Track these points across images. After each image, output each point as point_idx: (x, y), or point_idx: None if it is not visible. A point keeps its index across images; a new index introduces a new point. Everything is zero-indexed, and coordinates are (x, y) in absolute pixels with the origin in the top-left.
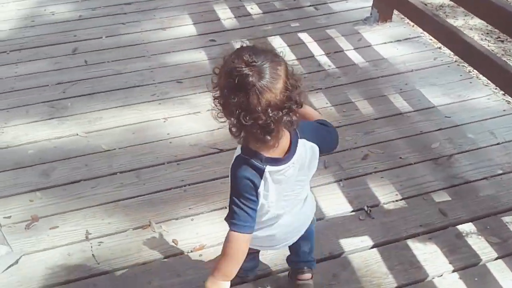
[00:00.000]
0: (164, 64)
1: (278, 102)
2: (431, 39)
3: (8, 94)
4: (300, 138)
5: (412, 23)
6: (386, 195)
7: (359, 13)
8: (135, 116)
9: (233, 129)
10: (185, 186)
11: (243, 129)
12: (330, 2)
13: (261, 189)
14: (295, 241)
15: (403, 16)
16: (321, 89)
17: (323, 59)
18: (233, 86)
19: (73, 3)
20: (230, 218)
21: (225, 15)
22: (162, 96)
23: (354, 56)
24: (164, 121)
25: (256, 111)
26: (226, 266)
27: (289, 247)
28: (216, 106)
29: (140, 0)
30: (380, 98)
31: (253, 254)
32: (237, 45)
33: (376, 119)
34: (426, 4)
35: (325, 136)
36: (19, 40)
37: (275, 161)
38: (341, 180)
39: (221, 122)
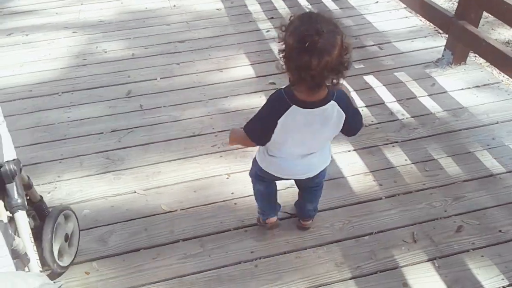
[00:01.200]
0: (223, 110)
1: (332, 65)
2: None
3: (61, 143)
4: (334, 100)
5: (490, 67)
6: (491, 279)
7: (428, 54)
8: (195, 171)
9: (291, 78)
10: (255, 260)
11: (303, 82)
12: (395, 41)
13: (281, 120)
14: (303, 178)
15: (479, 59)
16: (397, 142)
17: (395, 107)
18: (302, 49)
19: (125, 40)
20: (247, 128)
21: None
22: (223, 147)
23: (429, 103)
24: (227, 178)
25: (315, 70)
26: (234, 140)
27: (300, 199)
28: (280, 58)
29: (193, 38)
30: (465, 155)
31: (265, 182)
32: None
33: (465, 181)
34: (508, 43)
35: (352, 115)
36: (71, 80)
37: (303, 104)
38: (435, 259)
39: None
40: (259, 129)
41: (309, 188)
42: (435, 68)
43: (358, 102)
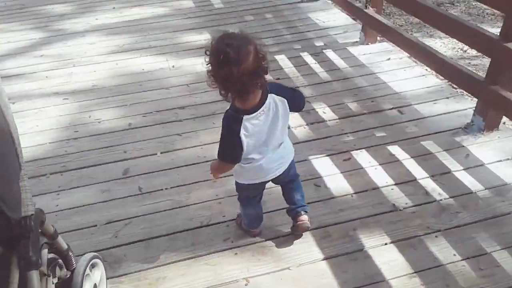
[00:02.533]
0: (233, 192)
1: (251, 69)
2: None
3: None
4: (270, 93)
5: None
6: None
7: (455, 118)
8: (207, 275)
9: (222, 92)
10: None
11: (228, 91)
12: (415, 104)
13: (242, 133)
14: (277, 175)
15: None
16: (439, 231)
17: (430, 184)
18: (219, 62)
19: (121, 107)
20: (221, 157)
21: (295, 122)
22: (237, 240)
23: (467, 179)
24: (246, 284)
25: (236, 78)
26: (215, 170)
27: (286, 198)
28: (209, 77)
29: (195, 103)
30: None
31: (253, 203)
32: None
33: None
34: None
35: (290, 93)
36: (61, 158)
37: (249, 111)
38: None
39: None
40: (230, 151)
41: (289, 183)
42: (465, 135)
43: (386, 179)
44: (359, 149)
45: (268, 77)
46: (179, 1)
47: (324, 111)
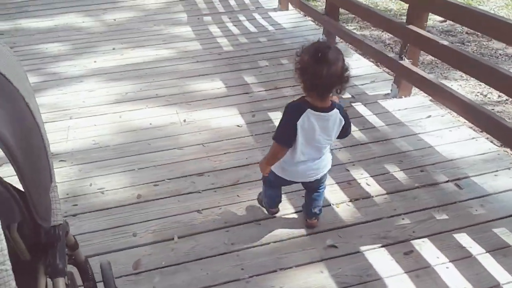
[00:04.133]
0: None
1: (338, 73)
2: None
3: None
4: (337, 108)
5: None
6: None
7: None
8: None
9: (305, 87)
10: None
11: (316, 87)
12: (474, 175)
13: (299, 122)
14: (309, 180)
15: None
16: None
17: None
18: (316, 59)
19: (128, 172)
20: (275, 137)
21: (336, 198)
22: None
23: None
24: None
25: (325, 77)
26: (267, 159)
27: (306, 199)
28: (296, 73)
29: (214, 168)
30: None
31: (275, 188)
32: None
33: None
34: None
35: (348, 123)
36: None
37: (316, 108)
38: None
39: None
40: (285, 134)
41: (315, 190)
42: None
43: (464, 284)
44: (421, 237)
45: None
46: (184, 43)
47: (368, 183)
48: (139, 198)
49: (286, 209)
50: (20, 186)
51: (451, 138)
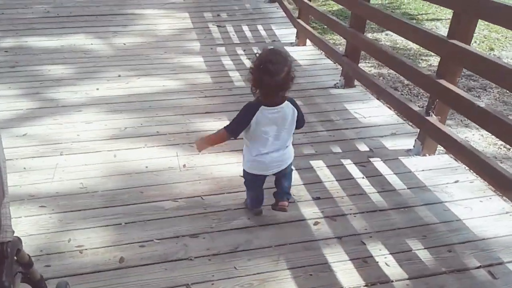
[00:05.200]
0: None
1: (280, 82)
2: None
3: None
4: (287, 101)
5: None
6: None
7: None
8: None
9: (253, 89)
10: None
11: (259, 90)
12: (509, 262)
13: (254, 119)
14: (276, 171)
15: None
16: None
17: None
18: (259, 70)
19: (112, 228)
20: (227, 127)
21: (349, 280)
22: None
23: None
24: None
25: (266, 85)
26: (207, 139)
27: (276, 183)
28: (249, 75)
29: (211, 228)
30: None
31: (254, 188)
32: None
33: None
34: None
35: (300, 113)
36: None
37: (267, 104)
38: None
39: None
40: (237, 124)
41: (279, 178)
42: None
43: None
44: None
45: None
46: (194, 74)
47: (387, 262)
48: (121, 262)
49: None
50: None
51: (481, 210)
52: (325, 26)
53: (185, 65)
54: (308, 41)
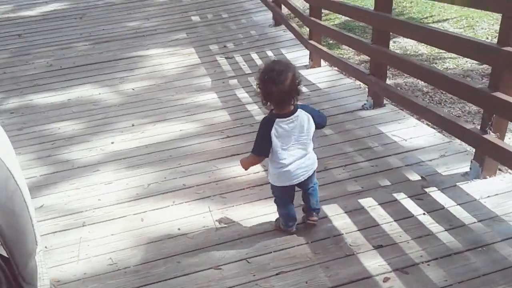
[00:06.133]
0: None
1: (287, 89)
2: None
3: None
4: (299, 108)
5: None
6: None
7: None
8: None
9: (264, 101)
10: None
11: (270, 101)
12: None
13: (273, 132)
14: (303, 179)
15: None
16: None
17: None
18: (264, 81)
19: None
20: (253, 150)
21: None
22: None
23: None
24: None
25: (275, 94)
26: (245, 163)
27: (304, 199)
28: (258, 93)
29: (280, 268)
30: None
31: (286, 204)
32: None
33: None
34: None
35: (316, 114)
36: None
37: (282, 116)
38: None
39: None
40: (261, 145)
41: (309, 189)
42: None
43: None
44: None
45: None
46: (211, 113)
47: None
48: None
49: None
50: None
51: None
52: (330, 41)
53: (199, 104)
54: (322, 61)
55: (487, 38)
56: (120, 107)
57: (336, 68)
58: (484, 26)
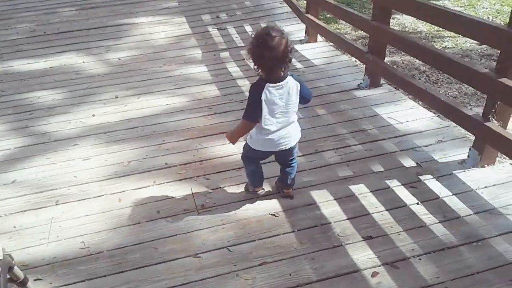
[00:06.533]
0: None
1: (280, 55)
2: None
3: None
4: (289, 76)
5: None
6: None
7: None
8: None
9: (256, 67)
10: None
11: (262, 67)
12: None
13: (263, 97)
14: (284, 148)
15: None
16: None
17: None
18: (258, 44)
19: None
20: (244, 115)
21: None
22: None
23: None
24: None
25: (267, 60)
26: (235, 133)
27: (282, 173)
28: (248, 54)
29: (263, 259)
30: None
31: (255, 162)
32: None
33: None
34: None
35: (303, 85)
36: None
37: (272, 81)
38: None
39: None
40: (252, 111)
41: (287, 161)
42: None
43: None
44: None
45: None
46: (200, 87)
47: None
48: None
49: None
50: None
51: None
52: (328, 15)
53: (188, 77)
54: (319, 37)
55: (489, 17)
56: (105, 77)
57: (332, 44)
58: (485, 5)
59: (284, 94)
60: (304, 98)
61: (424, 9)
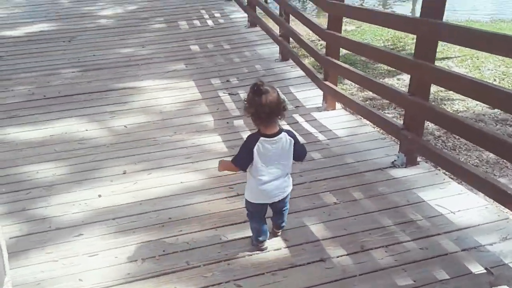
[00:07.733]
0: None
1: (274, 104)
2: None
3: None
4: (284, 132)
5: None
6: None
7: None
8: None
9: (253, 119)
10: None
11: (257, 118)
12: None
13: (255, 149)
14: (278, 199)
15: None
16: None
17: None
18: (254, 92)
19: None
20: (233, 159)
21: None
22: None
23: None
24: None
25: (264, 105)
26: (225, 165)
27: (274, 216)
28: (246, 111)
29: None
30: None
31: (257, 219)
32: None
33: None
34: None
35: (298, 143)
36: None
37: (266, 136)
38: None
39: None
40: (242, 157)
41: (280, 210)
42: None
43: None
44: None
45: None
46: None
47: None
48: None
49: None
50: None
51: None
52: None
53: (202, 148)
54: (337, 104)
55: (495, 80)
56: (110, 147)
57: (349, 110)
58: (490, 67)
59: (277, 149)
60: (297, 156)
61: (469, 84)
